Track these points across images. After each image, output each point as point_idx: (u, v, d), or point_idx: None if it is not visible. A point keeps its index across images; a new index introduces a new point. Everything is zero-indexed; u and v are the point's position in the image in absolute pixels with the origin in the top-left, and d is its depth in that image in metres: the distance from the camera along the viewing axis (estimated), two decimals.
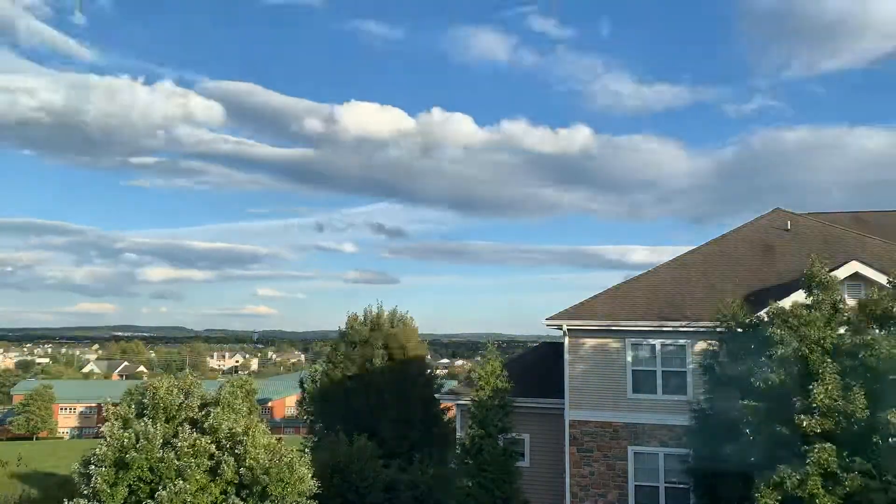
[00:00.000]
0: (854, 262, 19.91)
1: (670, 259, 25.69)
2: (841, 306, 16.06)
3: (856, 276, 19.60)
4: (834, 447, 13.59)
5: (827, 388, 13.86)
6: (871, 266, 19.72)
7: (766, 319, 16.29)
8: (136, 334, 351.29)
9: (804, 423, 13.80)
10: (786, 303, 16.81)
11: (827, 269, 16.69)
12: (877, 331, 15.04)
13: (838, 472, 13.44)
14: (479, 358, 23.41)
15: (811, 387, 14.05)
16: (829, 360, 14.45)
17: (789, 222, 25.77)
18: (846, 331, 15.33)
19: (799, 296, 17.24)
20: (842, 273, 19.43)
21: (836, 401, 13.73)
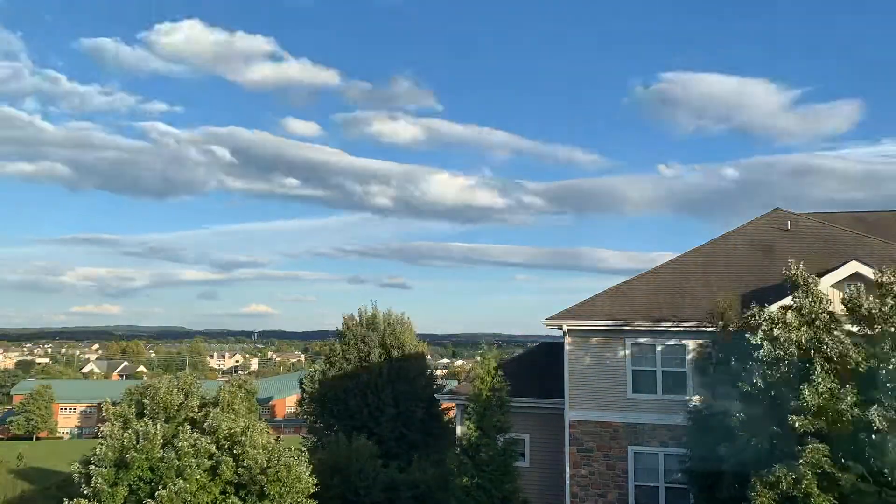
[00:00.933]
0: (853, 262, 19.90)
1: (670, 259, 25.70)
2: (830, 308, 16.07)
3: (855, 276, 19.58)
4: (827, 446, 13.63)
5: (816, 389, 13.91)
6: (870, 266, 19.71)
7: (753, 322, 16.30)
8: (136, 334, 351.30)
9: (797, 424, 13.84)
10: (781, 303, 16.83)
11: (807, 272, 16.63)
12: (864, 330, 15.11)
13: (832, 471, 13.47)
14: (478, 358, 23.39)
15: (801, 387, 14.10)
16: (817, 360, 14.49)
17: (789, 222, 25.77)
18: (833, 331, 15.35)
19: (789, 298, 17.27)
20: (841, 273, 19.45)
21: (826, 400, 13.78)
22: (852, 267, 19.72)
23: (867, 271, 19.41)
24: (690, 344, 21.75)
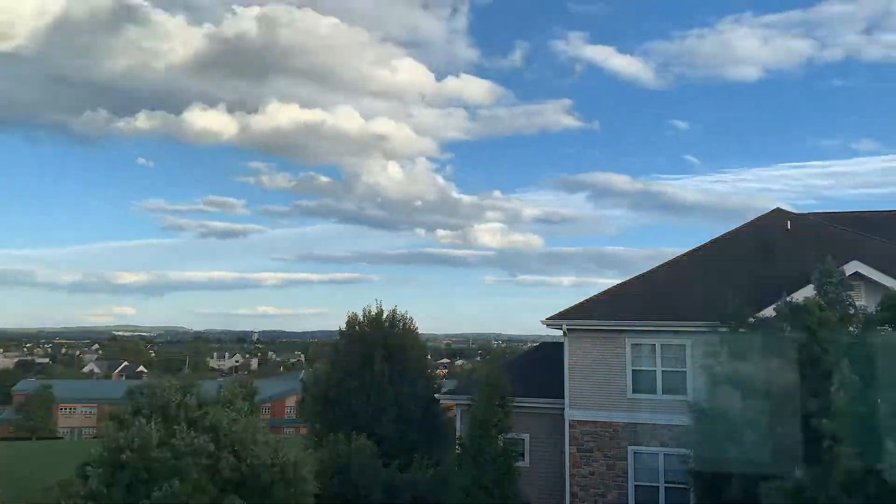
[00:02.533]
0: (854, 262, 19.86)
1: (670, 259, 25.66)
2: (856, 304, 15.95)
3: (856, 276, 19.55)
4: (851, 450, 13.34)
5: (843, 388, 13.59)
6: (871, 266, 19.68)
7: (774, 316, 16.13)
8: (136, 334, 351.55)
9: (822, 424, 13.52)
10: (799, 298, 16.66)
11: (838, 266, 16.61)
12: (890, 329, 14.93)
13: (860, 475, 13.18)
14: (479, 358, 23.33)
15: (831, 386, 13.76)
16: (843, 359, 14.18)
17: (789, 222, 25.71)
18: (858, 329, 15.19)
19: (801, 294, 17.17)
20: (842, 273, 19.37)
21: (852, 401, 13.47)
22: (853, 267, 19.67)
23: (868, 271, 19.38)
24: (690, 344, 21.68)
